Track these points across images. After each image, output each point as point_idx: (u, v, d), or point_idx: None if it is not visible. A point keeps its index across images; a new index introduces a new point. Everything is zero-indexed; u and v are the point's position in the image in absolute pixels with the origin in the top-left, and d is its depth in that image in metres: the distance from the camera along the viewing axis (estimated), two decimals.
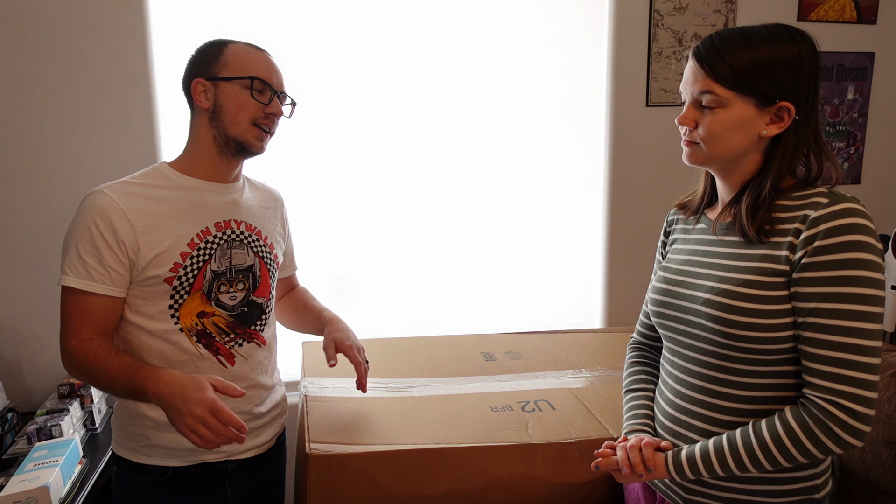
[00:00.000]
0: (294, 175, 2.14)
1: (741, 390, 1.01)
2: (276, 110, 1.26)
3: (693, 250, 1.11)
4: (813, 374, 0.94)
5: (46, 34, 1.87)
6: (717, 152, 1.02)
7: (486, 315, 2.39)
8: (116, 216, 1.16)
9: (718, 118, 0.99)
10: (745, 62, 0.96)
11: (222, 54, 1.24)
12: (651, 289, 1.17)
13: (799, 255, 0.93)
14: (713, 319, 1.00)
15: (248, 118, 1.23)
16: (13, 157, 1.90)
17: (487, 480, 1.39)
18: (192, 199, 1.25)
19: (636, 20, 2.27)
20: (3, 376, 1.94)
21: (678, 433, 1.08)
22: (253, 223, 1.32)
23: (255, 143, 1.26)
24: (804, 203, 0.96)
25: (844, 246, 0.90)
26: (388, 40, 2.15)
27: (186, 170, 1.27)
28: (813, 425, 0.92)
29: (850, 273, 0.90)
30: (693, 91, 1.02)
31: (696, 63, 1.01)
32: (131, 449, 1.26)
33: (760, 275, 0.97)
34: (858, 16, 2.43)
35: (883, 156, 2.57)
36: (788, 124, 0.98)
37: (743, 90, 0.97)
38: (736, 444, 0.97)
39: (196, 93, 1.24)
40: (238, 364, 1.29)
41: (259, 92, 1.23)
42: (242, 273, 1.28)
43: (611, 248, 2.39)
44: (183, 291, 1.21)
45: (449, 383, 1.72)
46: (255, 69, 1.23)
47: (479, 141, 2.28)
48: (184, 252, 1.21)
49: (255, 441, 1.35)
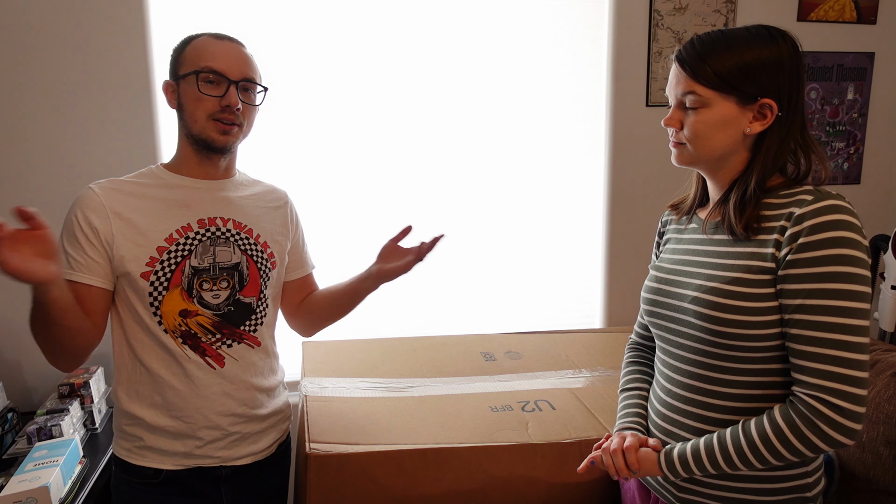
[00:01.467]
0: (294, 175, 2.13)
1: (731, 388, 1.02)
2: (230, 101, 1.19)
3: (684, 249, 1.12)
4: (800, 371, 0.94)
5: (46, 34, 1.87)
6: (702, 151, 1.03)
7: (486, 315, 2.39)
8: (95, 208, 1.18)
9: (702, 118, 1.01)
10: (727, 64, 0.98)
11: (183, 51, 1.23)
12: (644, 288, 1.19)
13: (784, 253, 0.94)
14: (701, 317, 1.01)
15: (205, 113, 1.20)
16: (12, 156, 1.90)
17: (487, 480, 1.39)
18: (176, 196, 1.26)
19: (636, 20, 2.27)
20: (3, 376, 1.94)
21: (671, 432, 1.09)
22: (243, 221, 1.30)
23: (217, 138, 1.22)
24: (790, 201, 0.97)
25: (829, 242, 0.90)
26: (388, 41, 2.15)
27: (175, 169, 1.29)
28: (801, 423, 0.92)
29: (834, 269, 0.90)
30: (677, 93, 1.04)
31: (678, 66, 1.03)
32: (127, 450, 1.26)
33: (748, 272, 0.98)
34: (858, 16, 2.42)
35: (883, 156, 2.57)
36: (772, 121, 0.99)
37: (724, 89, 0.98)
38: (726, 443, 0.98)
39: (167, 94, 1.26)
40: (228, 365, 1.26)
41: (210, 83, 1.19)
42: (227, 271, 1.26)
43: (611, 248, 2.39)
44: (161, 287, 1.20)
45: (449, 383, 1.72)
46: (206, 60, 1.19)
47: (479, 141, 2.28)
48: (160, 247, 1.20)
49: (252, 447, 1.31)
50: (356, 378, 1.72)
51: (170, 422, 1.23)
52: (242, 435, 1.29)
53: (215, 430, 1.25)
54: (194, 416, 1.24)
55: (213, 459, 1.27)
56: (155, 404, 1.23)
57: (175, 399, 1.23)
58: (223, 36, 1.25)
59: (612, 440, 1.11)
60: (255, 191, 1.38)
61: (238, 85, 1.21)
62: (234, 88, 1.20)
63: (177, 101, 1.24)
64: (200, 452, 1.25)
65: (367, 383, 1.70)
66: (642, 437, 1.10)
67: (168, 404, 1.23)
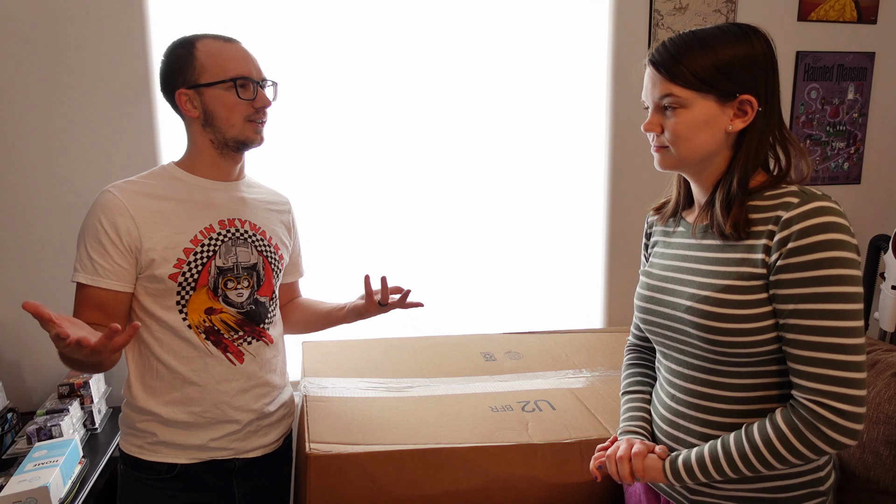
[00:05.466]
0: (295, 176, 2.13)
1: (733, 391, 1.02)
2: (263, 102, 1.26)
3: (674, 255, 1.12)
4: (798, 375, 0.94)
5: (46, 35, 1.87)
6: (686, 153, 1.02)
7: (486, 315, 2.39)
8: (120, 214, 1.19)
9: (682, 119, 0.99)
10: (702, 63, 0.97)
11: (195, 58, 1.21)
12: (636, 295, 1.18)
13: (774, 258, 0.94)
14: (697, 327, 1.01)
15: (242, 117, 1.24)
16: (13, 157, 1.90)
17: (487, 480, 1.39)
18: (197, 196, 1.27)
19: (636, 20, 2.26)
20: (3, 376, 1.94)
21: (676, 437, 1.08)
22: (257, 223, 1.34)
23: (255, 137, 1.27)
24: (776, 203, 0.96)
25: (818, 246, 0.90)
26: (388, 41, 2.15)
27: (191, 169, 1.29)
28: (802, 427, 0.93)
29: (826, 272, 0.90)
30: (654, 96, 1.02)
31: (652, 69, 1.02)
32: (139, 446, 1.27)
33: (739, 279, 0.97)
34: (859, 15, 2.42)
35: (883, 156, 2.57)
36: (753, 117, 0.99)
37: (702, 88, 0.97)
38: (729, 449, 0.98)
39: (182, 103, 1.24)
40: (247, 362, 1.30)
41: (243, 89, 1.23)
42: (247, 270, 1.30)
43: (611, 248, 2.39)
44: (188, 287, 1.23)
45: (449, 383, 1.72)
46: (234, 67, 1.22)
47: (479, 141, 2.28)
48: (187, 248, 1.23)
49: (263, 440, 1.36)
50: (356, 378, 1.73)
51: (186, 416, 1.26)
52: (255, 427, 1.34)
53: (232, 424, 1.30)
54: (212, 410, 1.27)
55: (228, 451, 1.30)
56: (173, 400, 1.26)
57: (194, 394, 1.26)
58: (228, 38, 1.26)
59: (619, 446, 1.10)
60: (262, 193, 1.41)
61: (262, 84, 1.27)
62: (260, 89, 1.26)
63: (200, 108, 1.23)
64: (215, 445, 1.29)
65: (367, 383, 1.70)
66: (649, 443, 1.10)
67: (186, 399, 1.26)
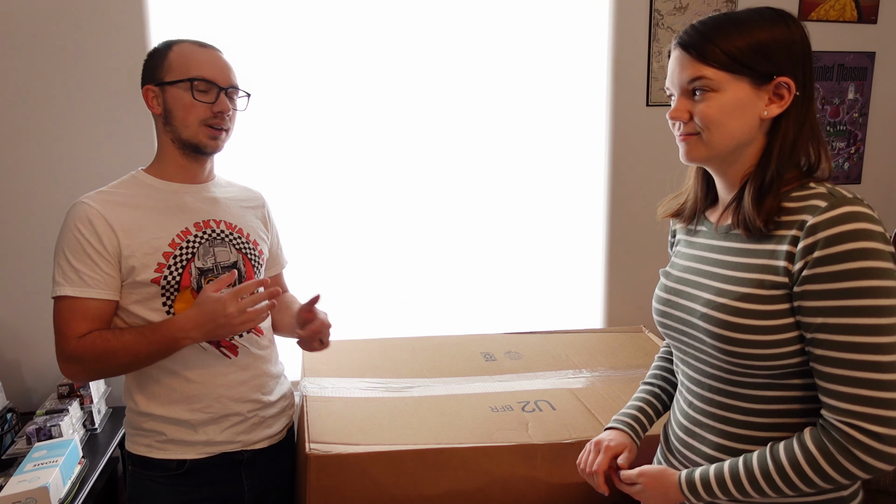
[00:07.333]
0: (295, 175, 2.13)
1: (751, 403, 0.95)
2: (222, 108, 1.25)
3: (694, 255, 1.05)
4: (829, 394, 0.86)
5: (46, 35, 1.86)
6: (718, 141, 0.93)
7: (486, 315, 2.39)
8: (99, 222, 1.20)
9: (714, 103, 0.91)
10: (738, 43, 0.90)
11: (167, 57, 1.25)
12: (654, 297, 1.12)
13: (798, 267, 0.86)
14: (711, 336, 0.94)
15: (197, 119, 1.24)
16: (13, 157, 1.90)
17: (487, 480, 1.39)
18: (170, 201, 1.29)
19: (636, 20, 2.26)
20: (3, 376, 1.94)
21: (691, 445, 1.04)
22: (233, 221, 1.35)
23: (209, 143, 1.27)
24: (802, 206, 0.89)
25: (848, 255, 0.82)
26: (387, 40, 2.14)
27: (160, 174, 1.31)
28: (834, 450, 0.85)
29: (857, 284, 0.82)
30: (682, 80, 0.94)
31: (681, 51, 0.94)
32: (147, 445, 1.28)
33: (759, 287, 0.90)
34: (859, 15, 2.42)
35: (883, 156, 2.56)
36: (790, 102, 0.91)
37: (736, 70, 0.90)
38: (752, 467, 0.91)
39: (148, 99, 1.27)
40: (241, 354, 1.31)
41: (202, 92, 1.24)
42: (227, 269, 1.30)
43: (611, 248, 2.39)
44: (171, 290, 1.24)
45: (449, 383, 1.71)
46: (197, 69, 1.23)
47: (479, 141, 2.27)
48: (166, 252, 1.24)
49: (267, 431, 1.37)
50: (356, 378, 1.72)
51: (190, 415, 1.27)
52: (259, 419, 1.35)
53: (235, 416, 1.31)
54: (214, 405, 1.28)
55: (235, 444, 1.32)
56: (174, 401, 1.27)
57: (194, 392, 1.27)
58: (206, 44, 1.29)
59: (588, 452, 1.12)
60: (234, 191, 1.43)
61: (227, 91, 1.26)
62: (223, 95, 1.26)
63: (162, 106, 1.26)
64: (222, 438, 1.30)
65: (367, 383, 1.70)
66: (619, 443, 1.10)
67: (187, 398, 1.27)
